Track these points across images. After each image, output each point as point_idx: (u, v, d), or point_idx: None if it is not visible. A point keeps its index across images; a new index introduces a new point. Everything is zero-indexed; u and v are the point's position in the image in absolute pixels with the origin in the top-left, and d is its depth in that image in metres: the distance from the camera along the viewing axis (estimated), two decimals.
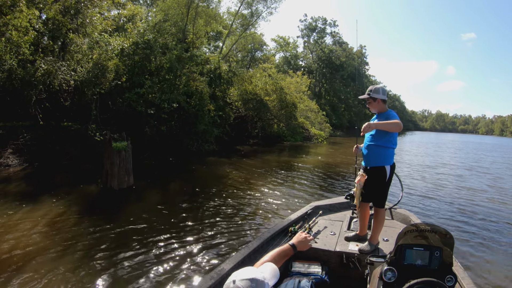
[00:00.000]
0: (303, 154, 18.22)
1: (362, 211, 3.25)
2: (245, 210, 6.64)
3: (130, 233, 5.10)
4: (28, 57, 10.43)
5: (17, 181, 7.99)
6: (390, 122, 2.92)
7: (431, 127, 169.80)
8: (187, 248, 4.65)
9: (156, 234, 5.07)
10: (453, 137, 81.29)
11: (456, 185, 11.47)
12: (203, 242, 4.92)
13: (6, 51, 10.15)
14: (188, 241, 4.91)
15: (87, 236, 4.90)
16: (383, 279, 2.19)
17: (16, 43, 10.53)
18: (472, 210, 7.95)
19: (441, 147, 35.46)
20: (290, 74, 31.96)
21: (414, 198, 8.81)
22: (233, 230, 5.46)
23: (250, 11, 23.00)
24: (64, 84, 10.24)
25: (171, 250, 4.57)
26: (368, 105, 3.22)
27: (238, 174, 10.54)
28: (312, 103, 28.03)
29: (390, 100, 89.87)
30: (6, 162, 9.10)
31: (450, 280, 2.14)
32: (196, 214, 6.13)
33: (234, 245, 4.88)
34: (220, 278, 2.44)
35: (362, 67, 61.58)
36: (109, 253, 4.41)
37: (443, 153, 26.41)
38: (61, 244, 4.58)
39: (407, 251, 2.21)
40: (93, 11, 12.70)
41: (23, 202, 6.25)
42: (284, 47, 48.12)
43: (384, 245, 3.15)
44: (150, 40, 13.09)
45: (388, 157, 3.02)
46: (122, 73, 11.59)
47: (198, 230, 5.34)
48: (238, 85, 19.91)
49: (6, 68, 9.90)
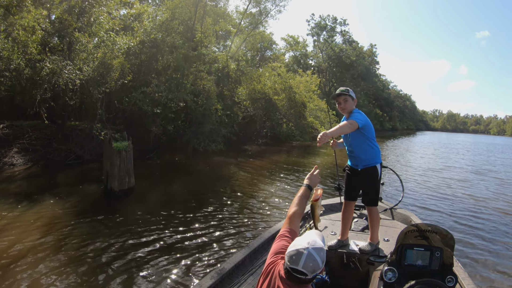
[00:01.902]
0: (312, 155, 17.88)
1: (347, 212, 3.17)
2: (248, 212, 6.45)
3: (126, 235, 4.97)
4: (35, 56, 10.41)
5: (19, 181, 7.92)
6: (341, 126, 2.80)
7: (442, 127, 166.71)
8: (186, 249, 4.58)
9: (153, 236, 4.96)
10: (464, 137, 79.28)
11: (460, 187, 11.10)
12: (202, 242, 4.83)
13: (13, 51, 10.14)
14: (186, 242, 4.81)
15: (82, 238, 4.78)
16: (384, 279, 2.19)
17: (23, 43, 10.53)
18: (472, 211, 7.86)
19: (449, 147, 34.36)
20: (299, 73, 31.57)
21: (414, 199, 8.61)
22: (234, 232, 5.34)
23: (259, 9, 22.74)
24: (70, 84, 10.16)
25: (169, 251, 4.47)
26: (343, 103, 2.99)
27: (244, 175, 10.29)
28: (322, 102, 27.53)
29: (401, 99, 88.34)
30: (11, 161, 9.05)
31: (450, 280, 2.14)
32: (197, 216, 5.97)
33: (234, 245, 4.80)
34: (220, 278, 2.48)
35: (373, 66, 60.64)
36: (104, 254, 4.29)
37: (451, 154, 25.52)
38: (53, 246, 4.46)
39: (407, 252, 2.21)
40: (100, 10, 12.63)
41: (21, 202, 6.17)
42: (294, 46, 47.68)
43: (384, 245, 3.13)
44: (157, 39, 12.95)
45: (377, 156, 3.03)
46: (127, 72, 11.45)
47: (197, 232, 5.24)
48: (247, 84, 19.65)
49: (12, 68, 9.88)
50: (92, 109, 10.83)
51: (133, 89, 12.18)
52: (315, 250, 1.48)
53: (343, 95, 2.98)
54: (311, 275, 1.48)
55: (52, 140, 10.18)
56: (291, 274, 1.49)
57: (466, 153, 27.74)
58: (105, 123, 10.70)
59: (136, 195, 7.04)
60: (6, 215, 5.49)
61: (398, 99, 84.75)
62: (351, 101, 3.00)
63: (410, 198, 8.60)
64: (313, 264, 1.46)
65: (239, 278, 2.68)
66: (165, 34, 13.90)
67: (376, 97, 62.47)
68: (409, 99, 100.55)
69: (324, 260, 1.51)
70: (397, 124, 76.65)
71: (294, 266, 1.47)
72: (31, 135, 10.05)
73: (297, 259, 1.47)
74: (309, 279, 1.49)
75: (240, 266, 2.80)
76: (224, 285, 2.55)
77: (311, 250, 1.48)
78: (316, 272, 1.48)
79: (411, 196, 8.94)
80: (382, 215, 3.96)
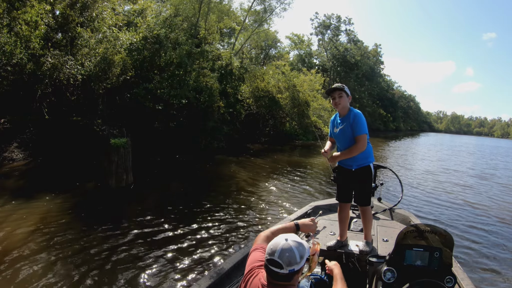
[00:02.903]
0: (315, 154, 17.74)
1: (343, 214, 3.12)
2: (247, 211, 6.36)
3: (121, 233, 4.89)
4: (38, 51, 10.34)
5: (17, 176, 7.85)
6: (351, 150, 2.87)
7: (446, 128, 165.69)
8: (183, 248, 4.51)
9: (149, 234, 4.89)
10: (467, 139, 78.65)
11: (460, 188, 11.08)
12: (201, 242, 4.77)
13: (16, 46, 10.08)
14: (183, 242, 4.74)
15: (74, 235, 4.71)
16: (383, 280, 2.19)
17: (25, 38, 10.46)
18: (472, 212, 7.86)
19: (453, 149, 34.01)
20: (304, 72, 31.38)
21: (414, 199, 8.65)
22: (233, 231, 5.27)
23: (264, 7, 22.60)
24: (71, 79, 10.09)
25: (165, 250, 4.40)
26: (338, 99, 2.97)
27: (245, 173, 10.18)
28: (326, 101, 27.35)
29: (405, 100, 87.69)
30: (11, 156, 8.99)
31: (449, 281, 2.14)
32: (195, 215, 5.89)
33: (232, 245, 4.75)
34: (219, 277, 2.48)
35: (377, 66, 60.24)
36: (97, 253, 4.21)
37: (453, 157, 25.21)
38: (43, 243, 4.39)
39: (406, 252, 2.21)
40: (104, 6, 12.55)
41: (16, 198, 6.10)
42: (299, 45, 47.39)
43: (383, 245, 3.11)
44: (160, 35, 12.85)
45: (370, 155, 2.99)
46: (129, 68, 11.35)
47: (195, 231, 5.17)
48: (250, 82, 19.51)
49: (14, 62, 9.82)
50: (93, 105, 10.76)
51: (135, 85, 12.10)
52: (294, 242, 1.48)
53: (338, 90, 2.96)
54: (287, 269, 1.44)
55: (53, 135, 10.10)
56: (269, 268, 1.47)
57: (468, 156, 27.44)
58: (106, 119, 10.62)
59: (134, 193, 6.92)
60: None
61: (402, 100, 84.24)
62: (346, 97, 2.99)
63: (410, 198, 8.58)
64: (289, 255, 1.44)
65: (238, 278, 2.66)
66: (168, 30, 13.80)
67: (380, 97, 62.07)
68: (413, 100, 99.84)
69: (303, 256, 1.48)
70: (401, 125, 76.27)
71: (271, 257, 1.46)
72: (32, 130, 9.98)
73: (274, 249, 1.47)
74: (284, 274, 1.44)
75: (239, 266, 2.78)
76: (223, 284, 2.54)
77: (289, 241, 1.47)
78: (293, 266, 1.45)
79: (411, 196, 8.89)
80: (381, 215, 3.99)
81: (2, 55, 10.01)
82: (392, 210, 4.10)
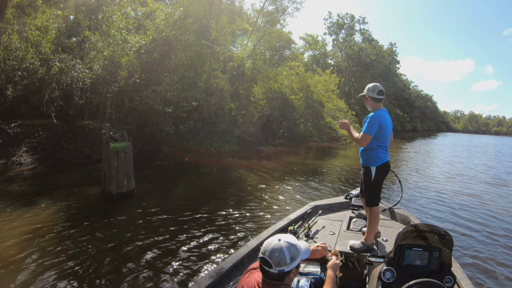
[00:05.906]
0: (330, 156, 17.19)
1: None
2: (250, 216, 6.09)
3: (120, 239, 4.70)
4: (49, 56, 10.32)
5: (22, 181, 7.73)
6: (353, 136, 3.04)
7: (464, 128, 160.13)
8: (182, 250, 4.49)
9: (148, 240, 4.75)
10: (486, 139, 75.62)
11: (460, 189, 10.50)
12: (200, 243, 4.74)
13: (27, 51, 10.09)
14: (182, 245, 4.62)
15: (73, 241, 4.54)
16: (382, 279, 2.18)
17: (36, 43, 10.47)
18: (472, 212, 7.73)
19: (471, 150, 32.39)
20: (318, 72, 30.81)
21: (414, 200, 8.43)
22: (234, 234, 5.18)
23: (276, 7, 22.25)
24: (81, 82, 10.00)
25: (164, 254, 4.35)
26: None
27: (255, 178, 9.73)
28: (341, 102, 26.71)
29: (422, 100, 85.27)
30: (19, 161, 8.92)
31: (449, 281, 2.13)
32: (196, 219, 5.71)
33: (233, 246, 4.69)
34: (219, 277, 2.48)
35: (393, 65, 58.86)
36: (96, 259, 4.09)
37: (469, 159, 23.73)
38: (42, 249, 4.23)
39: (406, 252, 2.20)
40: (113, 9, 12.49)
41: (16, 203, 5.95)
42: (313, 45, 46.79)
43: (383, 245, 3.14)
44: (170, 37, 12.65)
45: (374, 158, 2.99)
46: (137, 70, 11.18)
47: (194, 233, 5.06)
48: (263, 83, 19.13)
49: (23, 67, 9.81)
50: (102, 108, 10.64)
51: (145, 88, 11.93)
52: (286, 243, 1.49)
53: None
54: (276, 269, 1.45)
55: (62, 139, 10.03)
56: (261, 266, 1.50)
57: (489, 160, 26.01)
58: (115, 122, 10.46)
59: (135, 199, 6.64)
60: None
61: (419, 100, 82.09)
62: (365, 100, 3.13)
63: (411, 199, 8.49)
64: (279, 255, 1.46)
65: (237, 278, 2.60)
66: (178, 32, 13.61)
67: (396, 97, 60.61)
68: (430, 100, 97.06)
69: (294, 258, 1.49)
70: (418, 125, 74.41)
71: (262, 255, 1.49)
72: (41, 134, 9.93)
73: (266, 247, 1.49)
74: (274, 273, 1.46)
75: (239, 266, 2.77)
76: (222, 284, 2.53)
77: (282, 242, 1.49)
78: (282, 267, 1.46)
79: (411, 197, 8.75)
80: (381, 215, 3.90)
81: (14, 60, 10.05)
82: (392, 210, 4.12)
